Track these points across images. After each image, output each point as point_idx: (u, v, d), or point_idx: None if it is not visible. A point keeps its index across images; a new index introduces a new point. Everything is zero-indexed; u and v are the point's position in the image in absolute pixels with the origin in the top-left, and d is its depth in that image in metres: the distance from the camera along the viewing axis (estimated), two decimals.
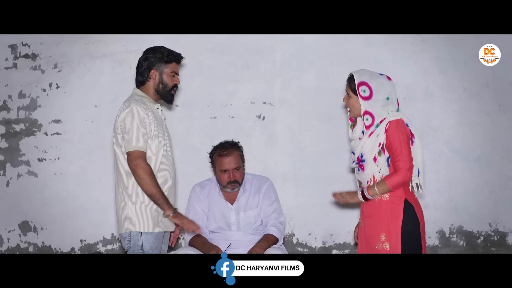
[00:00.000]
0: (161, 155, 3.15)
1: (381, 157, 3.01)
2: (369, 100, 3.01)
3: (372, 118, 3.02)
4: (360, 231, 3.19)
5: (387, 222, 3.00)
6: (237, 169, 3.71)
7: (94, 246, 4.63)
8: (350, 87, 3.07)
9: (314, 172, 4.58)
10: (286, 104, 4.59)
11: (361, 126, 3.12)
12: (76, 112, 4.62)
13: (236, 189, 3.74)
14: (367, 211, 3.10)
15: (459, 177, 4.55)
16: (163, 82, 3.23)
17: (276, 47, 4.58)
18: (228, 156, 3.69)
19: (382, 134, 2.99)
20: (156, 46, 3.27)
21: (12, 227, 4.68)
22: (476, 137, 4.58)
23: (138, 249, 3.10)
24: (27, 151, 4.66)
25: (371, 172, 3.03)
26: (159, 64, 3.21)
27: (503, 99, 4.57)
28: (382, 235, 3.02)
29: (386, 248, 3.00)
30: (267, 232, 3.69)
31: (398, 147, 2.96)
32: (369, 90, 3.01)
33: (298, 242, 4.62)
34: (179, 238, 4.54)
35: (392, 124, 2.99)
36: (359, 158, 3.06)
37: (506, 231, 4.60)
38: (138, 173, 3.02)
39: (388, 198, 3.02)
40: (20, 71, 4.66)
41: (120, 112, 3.11)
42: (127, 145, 3.05)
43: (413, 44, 4.55)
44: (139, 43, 4.51)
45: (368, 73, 3.07)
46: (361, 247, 3.17)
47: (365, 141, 3.03)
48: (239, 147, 3.79)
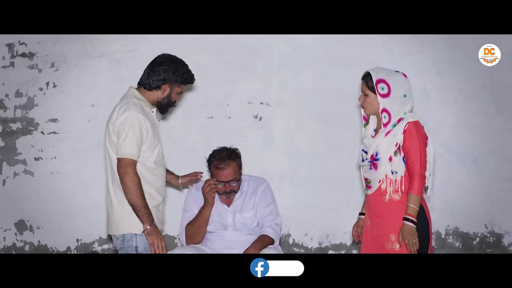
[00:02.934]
0: (156, 157, 3.19)
1: (397, 157, 3.01)
2: (388, 98, 3.01)
3: (389, 116, 3.01)
4: (365, 231, 3.18)
5: (397, 222, 3.00)
6: (234, 181, 3.70)
7: (90, 246, 4.62)
8: (368, 85, 3.06)
9: (311, 173, 4.58)
10: (283, 105, 4.59)
11: (373, 124, 3.12)
12: (73, 111, 4.61)
13: (232, 197, 3.74)
14: (376, 210, 3.09)
15: (455, 179, 4.55)
16: (169, 98, 3.25)
17: (273, 47, 4.58)
18: (225, 169, 3.65)
19: (399, 135, 2.98)
20: (180, 62, 3.24)
21: (8, 226, 4.68)
22: (473, 138, 4.59)
23: (132, 250, 3.11)
24: (24, 150, 4.65)
25: (384, 172, 3.03)
26: (175, 82, 3.21)
27: (500, 100, 4.58)
28: (392, 235, 3.02)
29: (396, 248, 3.00)
30: (263, 233, 3.69)
31: (417, 150, 2.97)
32: (387, 87, 3.01)
33: (294, 243, 4.62)
34: (174, 238, 4.55)
35: (411, 125, 2.99)
36: (373, 156, 3.05)
37: (502, 233, 4.61)
38: (125, 181, 3.03)
39: (399, 198, 3.02)
40: (17, 70, 4.65)
41: (119, 114, 3.09)
42: (120, 151, 3.06)
43: (411, 45, 4.55)
44: (136, 43, 4.54)
45: (385, 71, 3.07)
46: (366, 246, 3.16)
47: (381, 140, 3.02)
48: (237, 155, 3.73)
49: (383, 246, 3.04)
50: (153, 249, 3.07)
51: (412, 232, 2.94)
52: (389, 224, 3.03)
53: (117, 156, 3.07)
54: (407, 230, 2.95)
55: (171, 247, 4.34)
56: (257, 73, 4.58)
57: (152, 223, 3.08)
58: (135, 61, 4.52)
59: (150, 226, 3.07)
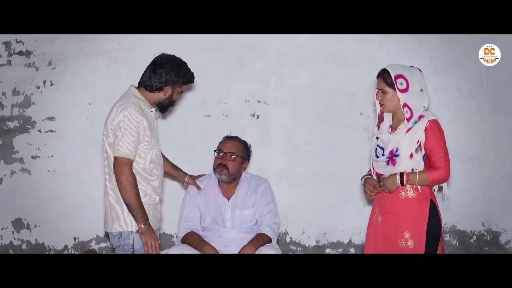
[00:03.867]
0: (153, 156, 3.20)
1: (418, 154, 3.02)
2: (406, 93, 3.01)
3: (411, 111, 3.01)
4: (375, 228, 3.16)
5: (413, 220, 3.01)
6: (232, 156, 3.72)
7: (87, 244, 4.62)
8: (386, 82, 3.05)
9: (308, 171, 4.59)
10: (280, 103, 4.59)
11: (389, 121, 3.12)
12: (70, 109, 4.61)
13: (224, 176, 3.72)
14: (390, 207, 3.08)
15: (452, 177, 4.47)
16: (171, 98, 3.27)
17: (271, 45, 4.58)
18: (231, 140, 3.77)
19: (421, 132, 3.00)
20: (181, 63, 3.27)
21: (5, 224, 4.67)
22: (470, 137, 4.59)
23: (129, 248, 3.12)
24: (21, 148, 4.65)
25: (403, 168, 3.03)
26: (177, 83, 3.23)
27: (497, 99, 4.59)
28: (406, 233, 3.02)
29: (410, 246, 3.00)
30: (260, 232, 3.69)
31: (441, 148, 3.00)
32: (405, 82, 3.02)
33: (292, 241, 4.62)
34: (172, 236, 4.55)
35: (433, 123, 3.01)
36: (392, 152, 3.05)
37: (499, 231, 4.62)
38: (121, 180, 3.04)
39: (415, 196, 3.03)
40: (14, 68, 4.64)
41: (117, 113, 3.09)
42: (116, 150, 3.07)
43: (408, 44, 4.55)
44: (133, 41, 4.53)
45: (401, 66, 3.09)
46: (375, 243, 3.15)
47: (402, 136, 3.02)
48: (245, 143, 3.84)
49: (395, 243, 3.03)
50: (146, 249, 3.08)
51: (395, 185, 3.01)
52: (403, 221, 3.02)
53: (114, 155, 3.08)
54: (392, 181, 3.01)
55: (169, 245, 4.35)
56: (255, 71, 4.58)
57: (147, 222, 3.08)
58: (132, 60, 4.52)
59: (144, 225, 3.07)
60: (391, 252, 3.04)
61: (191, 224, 3.76)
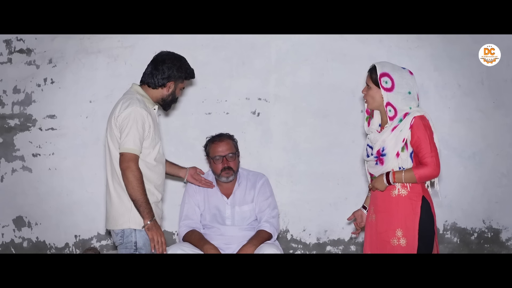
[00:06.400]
0: (157, 154, 3.20)
1: (404, 153, 3.00)
2: (391, 92, 2.99)
3: (395, 110, 3.00)
4: (370, 226, 3.17)
5: (404, 217, 3.00)
6: (231, 156, 3.72)
7: (88, 242, 4.63)
8: (371, 77, 3.05)
9: (309, 169, 4.59)
10: (281, 100, 4.59)
11: (378, 119, 3.11)
12: (71, 107, 4.61)
13: (231, 177, 3.74)
14: (382, 205, 3.08)
15: (453, 174, 4.55)
16: (173, 94, 3.27)
17: (271, 43, 4.58)
18: (221, 142, 3.75)
19: (406, 130, 2.98)
20: (182, 58, 3.28)
21: (6, 222, 4.68)
22: (471, 134, 4.59)
23: (132, 245, 3.12)
24: (22, 146, 4.65)
25: (391, 167, 3.02)
26: (179, 78, 3.24)
27: (497, 96, 4.58)
28: (398, 231, 3.01)
29: (402, 244, 3.00)
30: (260, 228, 3.70)
31: (427, 143, 2.96)
32: (391, 81, 3.00)
33: (293, 238, 4.63)
34: (173, 233, 4.56)
35: (418, 120, 2.98)
36: (379, 151, 3.04)
37: (499, 228, 4.62)
38: (127, 176, 3.04)
39: (406, 194, 3.02)
40: (14, 66, 4.64)
41: (122, 109, 3.09)
42: (122, 145, 3.06)
43: (408, 41, 4.55)
44: (134, 39, 4.54)
45: (391, 65, 3.06)
46: (370, 242, 3.16)
47: (387, 135, 3.01)
48: (232, 137, 3.83)
49: (388, 241, 3.03)
50: (153, 245, 3.08)
51: (383, 185, 3.03)
52: (395, 219, 3.02)
53: (120, 151, 3.08)
54: (380, 182, 3.04)
55: (170, 242, 4.35)
56: (255, 69, 4.58)
57: (153, 218, 3.08)
58: (133, 57, 4.52)
59: (150, 221, 3.07)
60: (384, 250, 3.04)
61: (192, 221, 3.77)
